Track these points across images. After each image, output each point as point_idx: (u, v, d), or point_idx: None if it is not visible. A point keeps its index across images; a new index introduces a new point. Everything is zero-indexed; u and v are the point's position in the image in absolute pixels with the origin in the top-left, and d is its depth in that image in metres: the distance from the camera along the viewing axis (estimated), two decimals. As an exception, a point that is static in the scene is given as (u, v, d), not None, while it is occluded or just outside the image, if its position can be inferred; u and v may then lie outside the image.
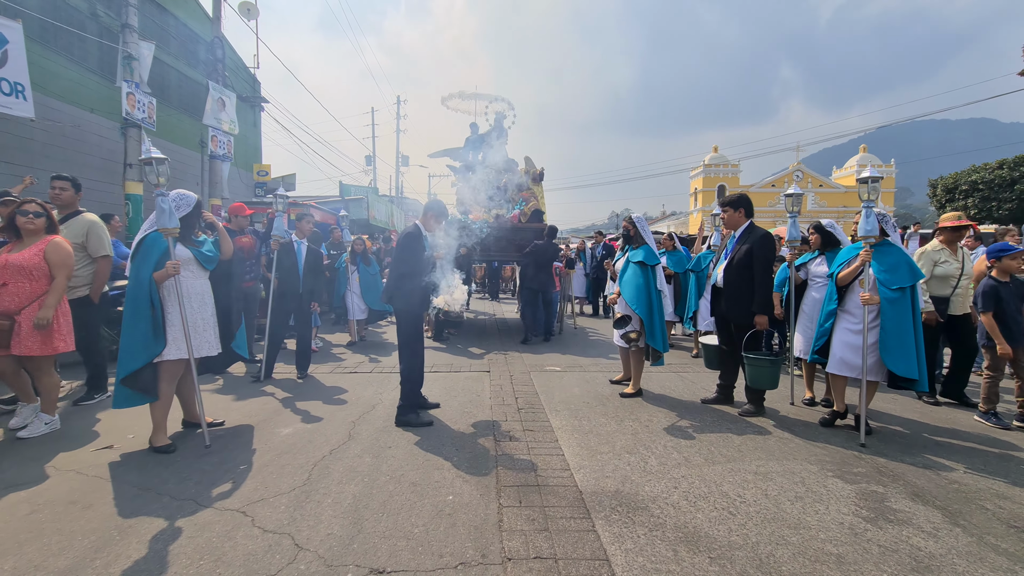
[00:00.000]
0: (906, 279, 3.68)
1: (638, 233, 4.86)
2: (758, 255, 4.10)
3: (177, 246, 3.41)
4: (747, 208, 4.39)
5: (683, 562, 2.21)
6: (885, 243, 3.85)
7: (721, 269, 4.36)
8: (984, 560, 2.26)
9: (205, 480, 2.96)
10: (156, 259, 3.28)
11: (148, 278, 3.24)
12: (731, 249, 4.35)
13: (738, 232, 4.35)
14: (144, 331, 3.20)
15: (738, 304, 4.20)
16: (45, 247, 3.64)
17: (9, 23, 7.23)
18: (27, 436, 3.57)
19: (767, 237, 4.20)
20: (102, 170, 10.67)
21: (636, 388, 4.79)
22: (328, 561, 2.19)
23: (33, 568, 2.13)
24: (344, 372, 5.68)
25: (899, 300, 3.65)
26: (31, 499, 2.73)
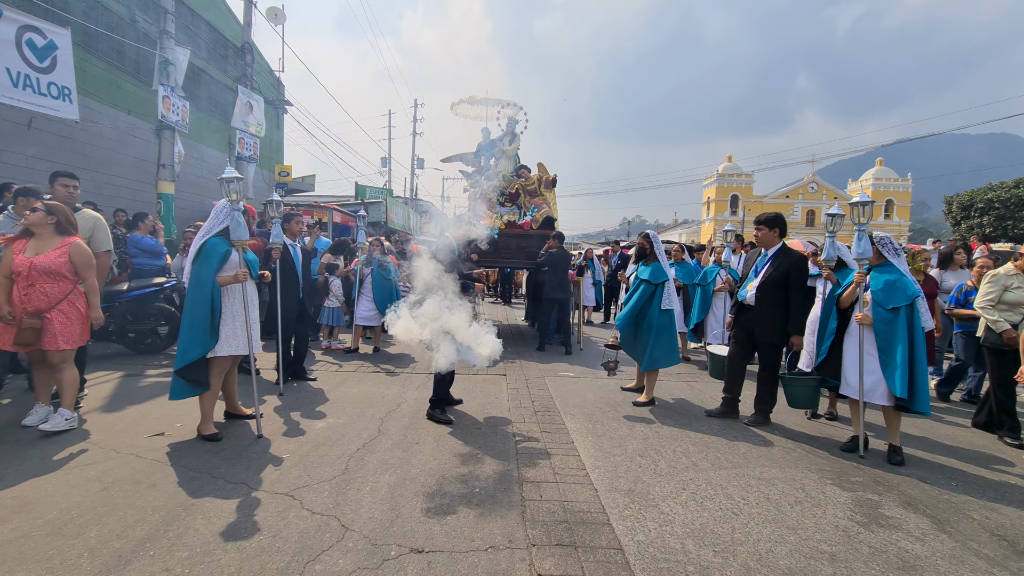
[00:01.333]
0: (901, 299, 3.74)
1: (654, 251, 5.08)
2: (796, 277, 4.27)
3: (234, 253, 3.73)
4: (782, 228, 4.49)
5: (690, 554, 2.46)
6: (885, 264, 3.94)
7: (752, 287, 4.44)
8: (965, 563, 2.48)
9: (253, 467, 3.26)
10: (217, 263, 3.60)
11: (210, 280, 3.56)
12: (762, 268, 4.44)
13: (771, 251, 4.44)
14: (203, 328, 3.53)
15: (770, 323, 4.35)
16: (69, 249, 3.71)
17: (59, 30, 7.65)
18: (50, 429, 3.64)
19: (804, 261, 4.40)
20: (136, 169, 11.12)
21: (649, 397, 4.96)
22: (372, 540, 2.46)
23: (115, 536, 2.43)
24: (367, 372, 5.97)
25: (892, 320, 3.74)
26: (101, 478, 3.04)
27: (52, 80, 7.54)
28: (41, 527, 2.49)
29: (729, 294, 6.84)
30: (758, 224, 4.56)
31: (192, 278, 3.59)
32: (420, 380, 5.54)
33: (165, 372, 5.58)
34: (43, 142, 8.85)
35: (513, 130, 10.07)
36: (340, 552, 2.37)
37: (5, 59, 6.84)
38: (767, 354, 4.45)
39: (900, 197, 51.60)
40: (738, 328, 4.63)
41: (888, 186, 51.30)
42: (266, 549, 2.37)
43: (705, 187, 55.45)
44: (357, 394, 5.00)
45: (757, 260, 4.57)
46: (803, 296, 4.30)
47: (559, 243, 7.80)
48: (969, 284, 5.36)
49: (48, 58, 7.43)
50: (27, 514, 2.61)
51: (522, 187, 9.12)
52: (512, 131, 10.06)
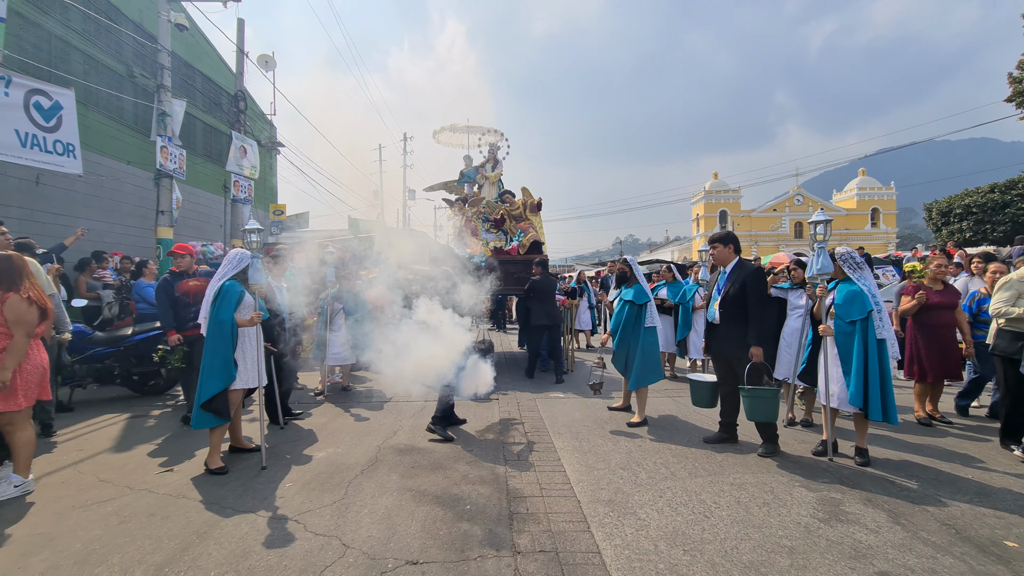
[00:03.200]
0: (857, 313, 3.94)
1: (633, 274, 5.40)
2: (752, 288, 4.26)
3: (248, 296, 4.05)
4: (735, 244, 4.54)
5: (661, 554, 2.70)
6: (846, 280, 4.14)
7: (716, 305, 4.44)
8: (912, 550, 2.72)
9: (259, 495, 3.49)
10: (235, 303, 3.94)
11: (229, 320, 3.89)
12: (723, 285, 4.46)
13: (728, 268, 4.47)
14: (224, 363, 3.85)
15: (734, 339, 4.30)
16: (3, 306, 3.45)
17: (64, 91, 8.08)
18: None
19: (759, 271, 4.43)
20: (136, 216, 11.49)
21: (642, 416, 5.12)
22: (371, 555, 2.70)
23: (136, 563, 2.66)
24: (357, 406, 6.20)
25: (850, 333, 3.96)
26: (118, 512, 3.27)
27: (58, 138, 7.92)
28: (68, 557, 2.72)
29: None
30: (712, 243, 4.61)
31: (212, 318, 3.88)
32: (415, 409, 5.76)
33: (169, 412, 5.80)
34: (47, 196, 9.21)
35: (495, 156, 10.16)
36: (342, 567, 2.60)
37: (14, 122, 7.23)
38: (741, 370, 4.30)
39: (885, 205, 52.54)
40: (713, 351, 4.60)
41: (872, 195, 52.28)
42: (274, 567, 2.60)
43: (693, 204, 56.36)
44: (353, 425, 5.23)
45: (718, 278, 4.60)
46: (761, 306, 4.27)
47: (542, 270, 7.73)
48: (983, 292, 5.22)
49: (54, 118, 7.84)
50: (54, 547, 2.83)
51: (507, 212, 9.07)
52: (495, 157, 10.14)
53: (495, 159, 10.12)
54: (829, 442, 4.10)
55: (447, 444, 4.50)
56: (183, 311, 5.19)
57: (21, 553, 2.79)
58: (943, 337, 5.06)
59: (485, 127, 10.62)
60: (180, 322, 5.18)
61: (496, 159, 10.14)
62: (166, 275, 5.34)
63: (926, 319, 5.10)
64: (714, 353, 4.60)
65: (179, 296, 5.16)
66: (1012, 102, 20.40)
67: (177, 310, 5.17)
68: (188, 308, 5.20)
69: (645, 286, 5.33)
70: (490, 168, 10.10)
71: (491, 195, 9.58)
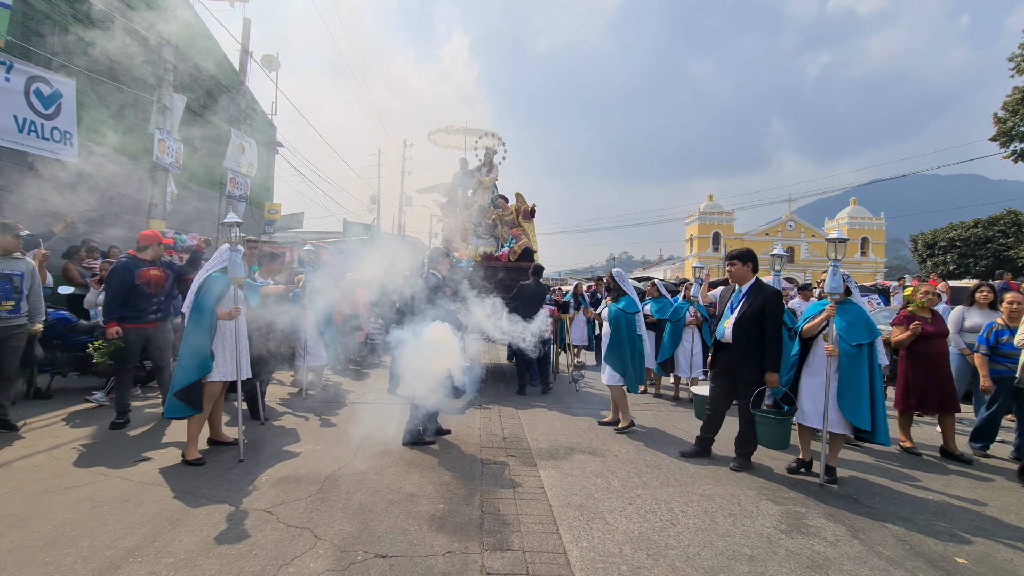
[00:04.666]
0: (864, 336, 3.97)
1: (617, 286, 5.51)
2: (771, 314, 4.14)
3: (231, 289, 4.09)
4: (754, 263, 4.41)
5: (625, 556, 2.76)
6: (847, 301, 4.13)
7: (728, 324, 4.31)
8: (867, 563, 2.81)
9: (234, 487, 3.51)
10: (217, 295, 3.98)
11: (210, 310, 3.93)
12: (737, 304, 4.33)
13: (745, 287, 4.35)
14: (202, 353, 3.87)
15: (748, 360, 4.20)
16: None
17: (65, 80, 8.15)
18: None
19: (778, 295, 4.27)
20: (129, 208, 11.47)
21: (628, 421, 5.23)
22: (341, 548, 2.74)
23: (106, 547, 2.68)
24: (351, 402, 6.22)
25: (856, 356, 3.95)
26: (91, 497, 3.28)
27: (55, 125, 7.97)
28: (37, 539, 2.74)
29: (697, 328, 7.15)
30: (730, 259, 4.47)
31: (193, 308, 3.92)
32: (396, 411, 5.79)
33: (147, 403, 5.79)
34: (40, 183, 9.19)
35: (491, 160, 9.88)
36: (312, 558, 2.64)
37: (13, 107, 7.27)
38: (747, 393, 4.23)
39: (875, 235, 53.45)
40: (717, 368, 4.48)
41: (863, 224, 53.19)
42: (244, 555, 2.63)
43: (688, 224, 57.00)
44: (333, 425, 5.25)
45: (732, 296, 4.45)
46: (778, 332, 4.17)
47: (535, 277, 7.48)
48: (1000, 323, 4.93)
49: (53, 105, 7.88)
50: (23, 528, 2.85)
51: (499, 217, 8.86)
52: (491, 161, 9.87)
53: (491, 163, 9.86)
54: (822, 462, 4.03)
55: (425, 447, 4.53)
56: (142, 302, 4.91)
57: (-9, 532, 2.80)
58: (938, 367, 4.92)
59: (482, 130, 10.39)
60: (139, 313, 4.91)
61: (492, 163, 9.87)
62: (123, 257, 5.04)
63: (920, 349, 4.96)
64: (719, 371, 4.45)
65: (139, 285, 4.88)
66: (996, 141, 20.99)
67: (136, 300, 4.88)
68: (149, 299, 4.95)
69: (634, 296, 5.44)
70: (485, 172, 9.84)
71: (484, 199, 9.33)
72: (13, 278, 4.68)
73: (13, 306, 4.66)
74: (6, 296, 4.62)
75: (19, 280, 4.72)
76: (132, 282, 4.84)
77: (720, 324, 4.43)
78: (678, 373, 7.23)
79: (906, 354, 5.08)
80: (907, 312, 5.14)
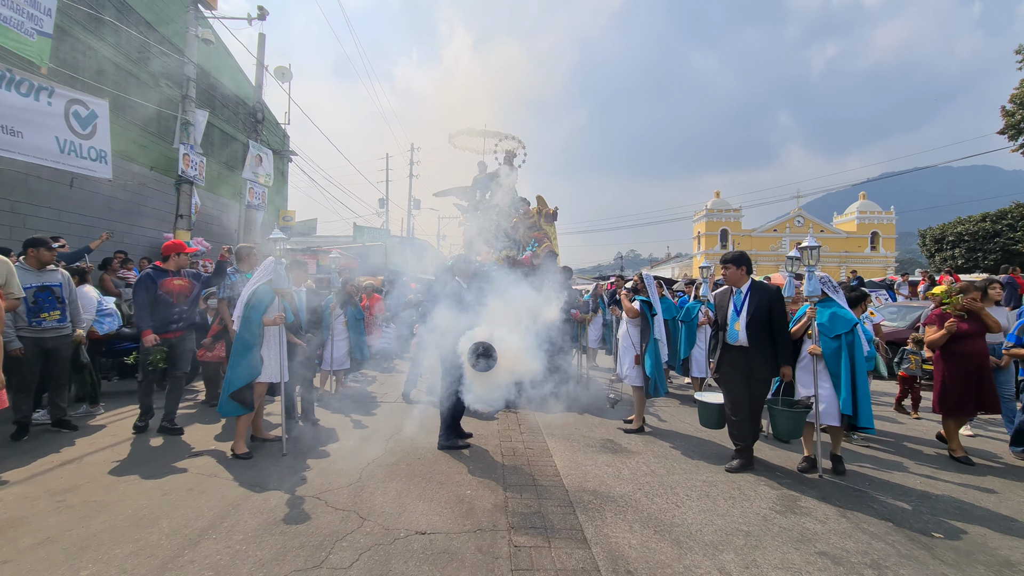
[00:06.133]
0: (841, 327, 4.25)
1: (644, 287, 5.74)
2: (778, 310, 4.34)
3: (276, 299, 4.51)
4: (748, 265, 4.57)
5: (635, 533, 3.13)
6: (826, 299, 4.44)
7: (740, 327, 4.37)
8: (852, 537, 3.15)
9: (283, 477, 3.92)
10: (264, 307, 4.40)
11: (258, 320, 4.35)
12: (742, 306, 4.43)
13: (744, 288, 4.47)
14: (251, 358, 4.30)
15: (764, 360, 4.33)
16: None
17: (99, 102, 8.64)
18: None
19: (779, 293, 4.47)
20: (156, 219, 12.00)
21: (639, 424, 5.43)
22: (385, 527, 3.13)
23: (183, 527, 3.09)
24: (375, 401, 6.63)
25: (837, 347, 4.24)
26: (159, 487, 3.70)
27: (92, 145, 8.45)
28: (123, 521, 3.16)
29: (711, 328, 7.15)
30: (724, 263, 4.59)
31: (243, 319, 4.33)
32: (420, 410, 6.19)
33: (190, 404, 6.24)
34: (75, 198, 9.72)
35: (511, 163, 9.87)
36: (361, 535, 3.03)
37: (55, 129, 7.76)
38: (759, 390, 4.38)
39: (885, 229, 53.15)
40: (729, 372, 4.47)
41: (872, 219, 52.91)
42: (303, 533, 3.03)
43: (695, 222, 57.01)
44: (363, 423, 5.66)
45: (732, 299, 4.53)
46: (787, 327, 4.40)
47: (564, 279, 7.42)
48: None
49: (90, 126, 8.37)
50: (108, 512, 3.27)
51: (521, 221, 8.91)
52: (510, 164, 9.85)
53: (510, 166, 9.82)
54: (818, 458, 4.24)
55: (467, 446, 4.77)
56: (164, 311, 4.97)
57: (81, 516, 3.22)
58: (976, 367, 4.73)
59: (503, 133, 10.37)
60: (161, 323, 4.94)
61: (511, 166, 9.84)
62: (148, 270, 5.10)
63: (956, 349, 4.78)
64: (733, 374, 4.43)
65: (162, 295, 4.95)
66: (1005, 134, 21.02)
67: (159, 310, 4.94)
68: (171, 308, 5.01)
69: (655, 300, 5.60)
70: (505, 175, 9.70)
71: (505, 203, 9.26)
72: (53, 289, 4.88)
73: (60, 315, 4.90)
74: (51, 307, 4.84)
75: (59, 290, 4.92)
76: (155, 292, 4.93)
77: (731, 328, 4.44)
78: (695, 374, 7.26)
79: (941, 354, 4.88)
80: (940, 310, 4.97)
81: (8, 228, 8.46)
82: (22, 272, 4.72)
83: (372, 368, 8.74)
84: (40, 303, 4.74)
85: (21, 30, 7.30)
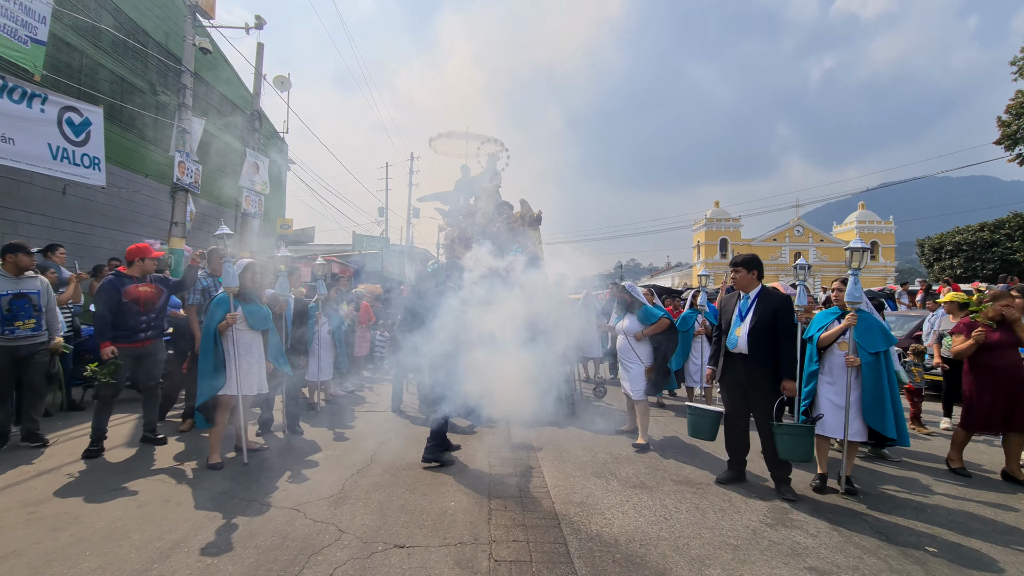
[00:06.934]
0: (881, 344, 3.94)
1: (635, 300, 5.53)
2: (784, 320, 4.05)
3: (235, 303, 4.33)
4: (759, 270, 4.29)
5: (620, 546, 3.04)
6: (858, 310, 4.00)
7: (741, 333, 4.13)
8: (843, 550, 3.06)
9: (263, 488, 3.83)
10: (220, 315, 4.24)
11: (214, 328, 4.21)
12: (745, 311, 4.18)
13: (752, 294, 4.22)
14: (208, 372, 4.17)
15: (764, 370, 4.05)
16: None
17: (94, 109, 8.64)
18: None
19: (789, 301, 4.17)
20: (150, 227, 11.98)
21: (645, 439, 5.14)
22: (363, 539, 3.04)
23: (155, 539, 3.01)
24: (363, 411, 6.54)
25: (875, 363, 3.93)
26: (135, 498, 3.62)
27: (85, 152, 8.45)
28: (93, 533, 3.07)
29: (707, 337, 6.91)
30: (735, 266, 4.32)
31: (203, 327, 4.24)
32: (406, 420, 6.11)
33: (176, 413, 6.15)
34: (69, 205, 9.71)
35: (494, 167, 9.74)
36: (337, 548, 2.95)
37: (48, 136, 7.76)
38: (763, 403, 4.06)
39: (884, 239, 53.23)
40: (729, 380, 4.27)
41: (872, 228, 53.01)
42: (278, 546, 2.94)
43: (695, 231, 57.12)
44: (351, 432, 5.57)
45: (738, 303, 4.29)
46: (793, 338, 4.07)
47: None
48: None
49: (83, 133, 8.37)
50: (80, 524, 3.18)
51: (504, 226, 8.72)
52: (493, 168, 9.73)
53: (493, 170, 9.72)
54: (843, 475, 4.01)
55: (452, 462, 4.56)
56: (132, 320, 4.70)
57: (51, 528, 3.14)
58: (1007, 381, 4.38)
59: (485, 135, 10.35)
60: (129, 332, 4.70)
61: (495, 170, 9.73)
62: (110, 276, 4.81)
63: (985, 361, 4.48)
64: (734, 384, 4.22)
65: (127, 303, 4.67)
66: (1001, 144, 21.10)
67: (125, 319, 4.67)
68: (138, 317, 4.73)
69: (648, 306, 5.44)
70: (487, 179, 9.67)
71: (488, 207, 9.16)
72: (31, 296, 4.74)
73: (35, 324, 4.75)
74: (27, 315, 4.69)
75: (36, 298, 4.78)
76: (119, 300, 4.63)
77: (731, 334, 4.22)
78: (690, 384, 7.14)
79: (969, 367, 4.61)
80: (968, 319, 4.72)
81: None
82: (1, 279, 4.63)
83: (360, 378, 8.65)
84: (15, 311, 4.63)
85: (15, 37, 7.32)
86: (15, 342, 4.64)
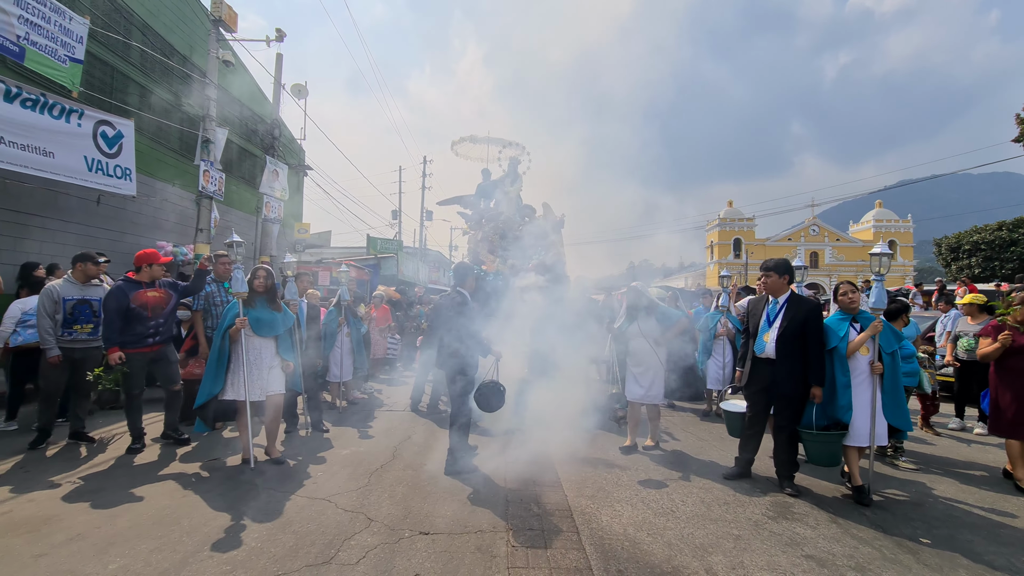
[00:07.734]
0: (894, 342, 4.03)
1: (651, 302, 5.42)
2: (814, 326, 4.08)
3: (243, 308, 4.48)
4: (791, 274, 4.30)
5: (629, 536, 3.26)
6: (863, 313, 4.08)
7: (770, 339, 4.17)
8: (840, 541, 3.25)
9: (296, 482, 4.12)
10: (229, 320, 4.42)
11: (223, 333, 4.41)
12: (774, 316, 4.21)
13: (781, 299, 4.24)
14: (211, 376, 4.36)
15: (792, 376, 4.08)
16: None
17: (125, 122, 9.08)
18: None
19: (819, 308, 4.22)
20: (177, 233, 12.43)
21: (655, 441, 5.28)
22: (391, 527, 3.31)
23: (203, 524, 3.30)
24: (383, 411, 6.83)
25: (891, 362, 3.99)
26: (180, 489, 3.93)
27: (118, 163, 8.88)
28: (146, 519, 3.37)
29: (728, 340, 6.81)
30: (766, 270, 4.34)
31: (215, 332, 4.49)
32: (426, 418, 6.37)
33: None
34: (102, 214, 10.16)
35: (515, 170, 9.74)
36: (368, 534, 3.21)
37: (84, 149, 8.19)
38: (787, 409, 4.14)
39: (902, 238, 52.46)
40: (755, 385, 4.30)
41: (889, 227, 52.29)
42: (314, 532, 3.22)
43: (708, 231, 56.79)
44: (373, 431, 5.85)
45: (766, 308, 4.30)
46: (823, 345, 4.09)
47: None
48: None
49: (116, 145, 8.80)
50: (133, 512, 3.50)
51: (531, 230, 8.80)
52: (514, 172, 9.73)
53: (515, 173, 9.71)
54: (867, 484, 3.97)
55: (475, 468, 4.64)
56: (139, 325, 4.76)
57: (108, 515, 3.45)
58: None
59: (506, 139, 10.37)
60: (137, 338, 4.75)
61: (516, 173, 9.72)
62: (120, 281, 4.91)
63: (1012, 364, 4.41)
64: (760, 387, 4.26)
65: (135, 308, 4.74)
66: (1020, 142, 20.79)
67: (132, 324, 4.74)
68: (146, 322, 4.80)
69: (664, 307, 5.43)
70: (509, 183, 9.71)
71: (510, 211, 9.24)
72: (92, 303, 5.04)
73: (92, 329, 5.06)
74: (87, 319, 5.04)
75: (97, 305, 5.04)
76: (127, 306, 4.71)
77: (759, 339, 4.26)
78: (710, 386, 7.02)
79: (996, 370, 4.55)
80: (996, 321, 4.65)
81: (39, 243, 8.88)
82: (66, 285, 4.96)
83: (379, 380, 8.95)
84: (76, 315, 4.95)
85: (55, 57, 7.75)
86: (73, 344, 4.95)
